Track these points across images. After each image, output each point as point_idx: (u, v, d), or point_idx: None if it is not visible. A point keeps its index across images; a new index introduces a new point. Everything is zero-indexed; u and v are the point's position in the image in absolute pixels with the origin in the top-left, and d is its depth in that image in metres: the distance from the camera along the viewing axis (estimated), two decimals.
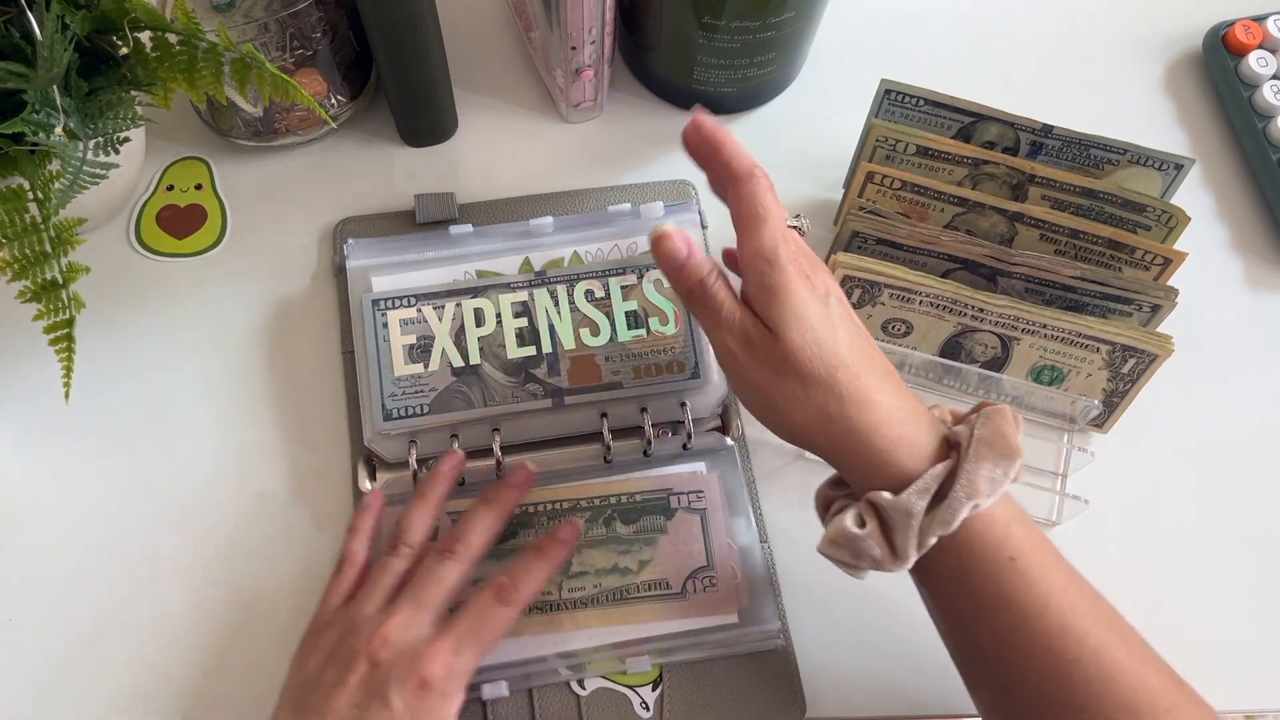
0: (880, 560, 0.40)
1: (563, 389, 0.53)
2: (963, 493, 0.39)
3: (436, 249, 0.58)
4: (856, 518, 0.41)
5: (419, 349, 0.53)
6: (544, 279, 0.55)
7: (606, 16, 0.57)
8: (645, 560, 0.52)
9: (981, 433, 0.40)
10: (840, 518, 0.41)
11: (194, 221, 0.62)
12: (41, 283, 0.48)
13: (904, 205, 0.56)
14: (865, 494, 0.41)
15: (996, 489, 0.39)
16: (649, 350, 0.52)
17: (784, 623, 0.52)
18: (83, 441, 0.56)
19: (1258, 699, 0.52)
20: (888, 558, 0.40)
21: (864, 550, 0.40)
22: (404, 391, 0.53)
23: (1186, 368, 0.57)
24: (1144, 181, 0.56)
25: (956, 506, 0.39)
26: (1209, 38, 0.68)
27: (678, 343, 0.53)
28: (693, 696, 0.50)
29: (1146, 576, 0.55)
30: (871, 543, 0.40)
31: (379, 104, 0.65)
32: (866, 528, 0.40)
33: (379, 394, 0.53)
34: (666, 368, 0.52)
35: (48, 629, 0.52)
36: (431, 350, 0.54)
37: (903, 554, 0.40)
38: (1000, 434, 0.40)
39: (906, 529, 0.39)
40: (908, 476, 0.40)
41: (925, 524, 0.39)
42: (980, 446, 0.39)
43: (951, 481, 0.39)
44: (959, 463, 0.39)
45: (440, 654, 0.42)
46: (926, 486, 0.39)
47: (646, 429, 0.53)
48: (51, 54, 0.44)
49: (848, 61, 0.68)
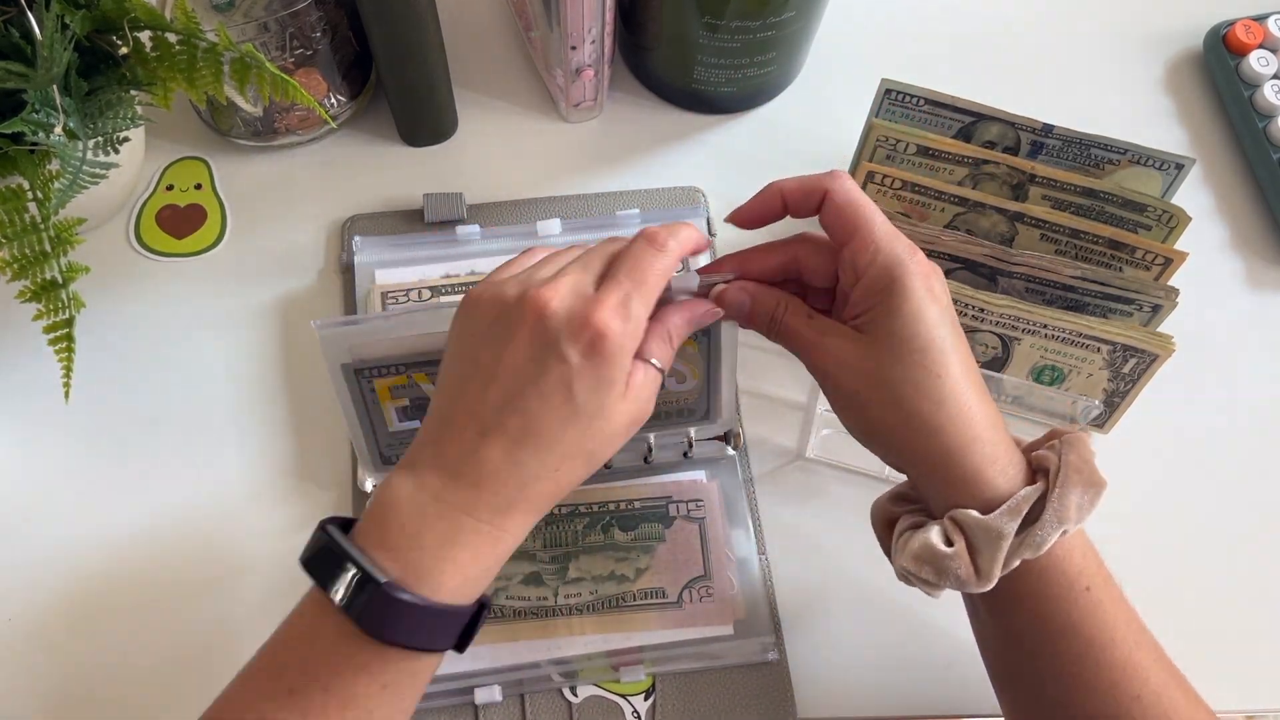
0: (964, 580, 0.39)
1: None
2: (1054, 518, 0.38)
3: (445, 247, 0.59)
4: (943, 536, 0.40)
5: (413, 408, 0.49)
6: None
7: (606, 16, 0.57)
8: (643, 568, 0.52)
9: (1070, 459, 0.39)
10: (926, 535, 0.40)
11: (194, 221, 0.62)
12: (41, 282, 0.48)
13: (904, 205, 0.56)
14: (948, 512, 0.40)
15: (1084, 516, 0.39)
16: (662, 402, 0.51)
17: (779, 636, 0.51)
18: (83, 441, 0.56)
19: (1258, 699, 0.52)
20: (971, 578, 0.39)
21: (949, 570, 0.39)
22: (401, 441, 0.50)
23: (1187, 368, 0.57)
24: (1144, 181, 0.56)
25: (1047, 531, 0.38)
26: (1209, 37, 0.68)
27: (693, 395, 0.51)
28: (684, 707, 0.50)
29: (1147, 576, 0.55)
30: (959, 562, 0.39)
31: (379, 104, 0.65)
32: (954, 547, 0.39)
33: (374, 445, 0.50)
34: (678, 414, 0.52)
35: (47, 629, 0.52)
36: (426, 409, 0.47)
37: (987, 575, 0.39)
38: (1086, 462, 0.39)
39: (995, 550, 0.38)
40: (997, 497, 0.39)
41: (1014, 546, 0.39)
42: (1070, 473, 0.39)
43: (1042, 505, 0.39)
44: (1050, 487, 0.39)
45: (608, 303, 0.38)
46: (1017, 508, 0.38)
47: (649, 440, 0.53)
48: (51, 54, 0.44)
49: (848, 61, 0.68)
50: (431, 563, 0.36)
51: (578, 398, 0.37)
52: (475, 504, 0.37)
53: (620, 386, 0.38)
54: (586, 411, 0.37)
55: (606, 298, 0.38)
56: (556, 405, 0.37)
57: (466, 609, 0.37)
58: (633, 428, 0.40)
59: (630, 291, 0.38)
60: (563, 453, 0.38)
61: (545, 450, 0.37)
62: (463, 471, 0.37)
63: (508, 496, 0.37)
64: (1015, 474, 0.40)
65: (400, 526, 0.37)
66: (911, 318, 0.39)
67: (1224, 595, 0.54)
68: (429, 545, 0.36)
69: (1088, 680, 0.39)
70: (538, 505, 0.38)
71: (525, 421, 0.37)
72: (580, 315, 0.37)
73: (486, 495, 0.37)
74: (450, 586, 0.36)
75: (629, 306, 0.38)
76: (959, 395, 0.39)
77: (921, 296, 0.39)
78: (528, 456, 0.37)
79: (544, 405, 0.37)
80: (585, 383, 0.37)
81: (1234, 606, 0.54)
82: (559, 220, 0.60)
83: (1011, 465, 0.40)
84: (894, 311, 0.39)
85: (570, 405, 0.37)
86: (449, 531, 0.37)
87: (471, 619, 0.38)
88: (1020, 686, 0.43)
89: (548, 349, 0.37)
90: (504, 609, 0.51)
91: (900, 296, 0.39)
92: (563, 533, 0.53)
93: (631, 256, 0.40)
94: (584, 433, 0.38)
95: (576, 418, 0.37)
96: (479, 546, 0.37)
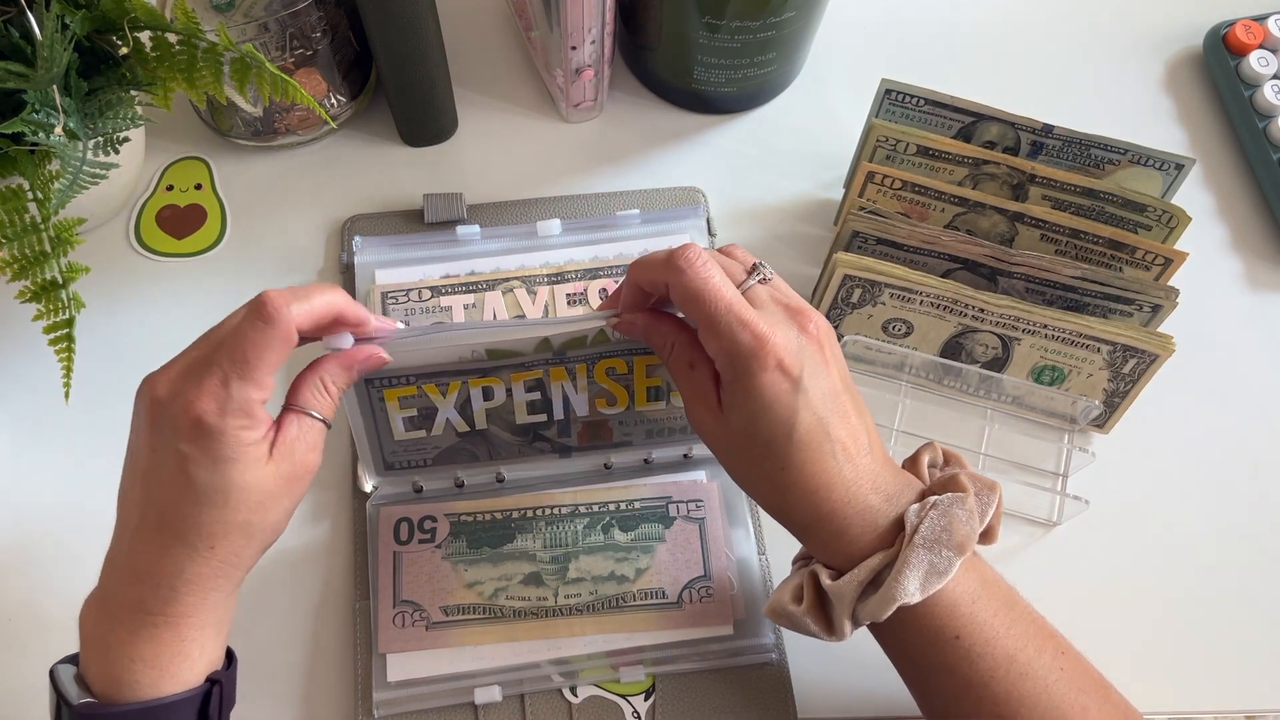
0: (816, 633, 0.41)
1: (571, 447, 0.52)
2: (893, 592, 0.39)
3: (444, 248, 0.59)
4: (795, 592, 0.41)
5: (420, 418, 0.49)
6: (562, 359, 0.47)
7: (606, 16, 0.57)
8: (642, 568, 0.52)
9: (926, 531, 0.39)
10: (781, 592, 0.42)
11: (194, 221, 0.62)
12: (41, 283, 0.48)
13: (904, 205, 0.56)
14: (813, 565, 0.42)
15: (931, 587, 0.39)
16: (665, 417, 0.51)
17: (779, 636, 0.51)
18: (83, 441, 0.56)
19: (1258, 699, 0.52)
20: (822, 633, 0.41)
21: (801, 624, 0.41)
22: (405, 449, 0.50)
23: (1187, 368, 0.57)
24: (1144, 181, 0.56)
25: (885, 604, 0.39)
26: (1209, 37, 0.68)
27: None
28: (684, 707, 0.50)
29: (1147, 576, 0.55)
30: (807, 620, 0.41)
31: (379, 104, 0.65)
32: (803, 604, 0.41)
33: (378, 450, 0.50)
34: (680, 429, 0.52)
35: (47, 629, 0.51)
36: (434, 419, 0.49)
37: (839, 630, 0.41)
38: (947, 530, 0.39)
39: (840, 610, 0.40)
40: (855, 556, 0.40)
41: (859, 609, 0.40)
42: (919, 550, 0.39)
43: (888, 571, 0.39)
44: (896, 557, 0.39)
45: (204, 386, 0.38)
46: (860, 579, 0.39)
47: (650, 452, 0.53)
48: (51, 54, 0.44)
49: (848, 61, 0.68)
50: (123, 666, 0.38)
51: (197, 480, 0.38)
52: (142, 599, 0.38)
53: (249, 455, 0.38)
54: (214, 490, 0.38)
55: (205, 381, 0.38)
56: (181, 490, 0.38)
57: (187, 695, 0.38)
58: (293, 485, 0.40)
59: (227, 371, 0.38)
60: (209, 533, 0.38)
61: (187, 534, 0.38)
62: (127, 568, 0.39)
63: (169, 586, 0.38)
64: (871, 540, 0.40)
65: (89, 639, 0.39)
66: (755, 414, 0.39)
67: (1224, 595, 0.54)
68: (114, 649, 0.38)
69: (969, 712, 0.40)
70: (211, 584, 0.39)
71: (160, 512, 0.38)
72: (182, 401, 0.38)
73: (148, 589, 0.38)
74: (146, 684, 0.38)
75: (228, 387, 0.38)
76: (804, 482, 0.40)
77: (768, 390, 0.39)
78: (172, 543, 0.38)
79: (170, 493, 0.38)
80: (200, 465, 0.38)
81: (1234, 606, 0.54)
82: (559, 220, 0.60)
83: (867, 532, 0.40)
84: (737, 405, 0.40)
85: (193, 488, 0.38)
86: (127, 633, 0.38)
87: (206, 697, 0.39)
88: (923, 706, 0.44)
89: (161, 438, 0.38)
90: (504, 609, 0.51)
91: (742, 394, 0.39)
92: (563, 533, 0.53)
93: (234, 331, 0.39)
94: (224, 509, 0.38)
95: (208, 499, 0.38)
96: (160, 639, 0.38)
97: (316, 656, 0.51)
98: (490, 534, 0.52)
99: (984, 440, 0.57)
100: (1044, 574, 0.54)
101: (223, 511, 0.38)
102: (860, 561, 0.40)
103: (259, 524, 0.39)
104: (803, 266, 0.61)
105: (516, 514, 0.53)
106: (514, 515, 0.53)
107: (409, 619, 0.50)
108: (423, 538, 0.52)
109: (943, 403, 0.58)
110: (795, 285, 0.61)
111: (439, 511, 0.53)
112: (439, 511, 0.53)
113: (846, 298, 0.55)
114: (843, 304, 0.55)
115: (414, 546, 0.52)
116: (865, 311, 0.55)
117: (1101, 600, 0.54)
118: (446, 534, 0.52)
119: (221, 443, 0.38)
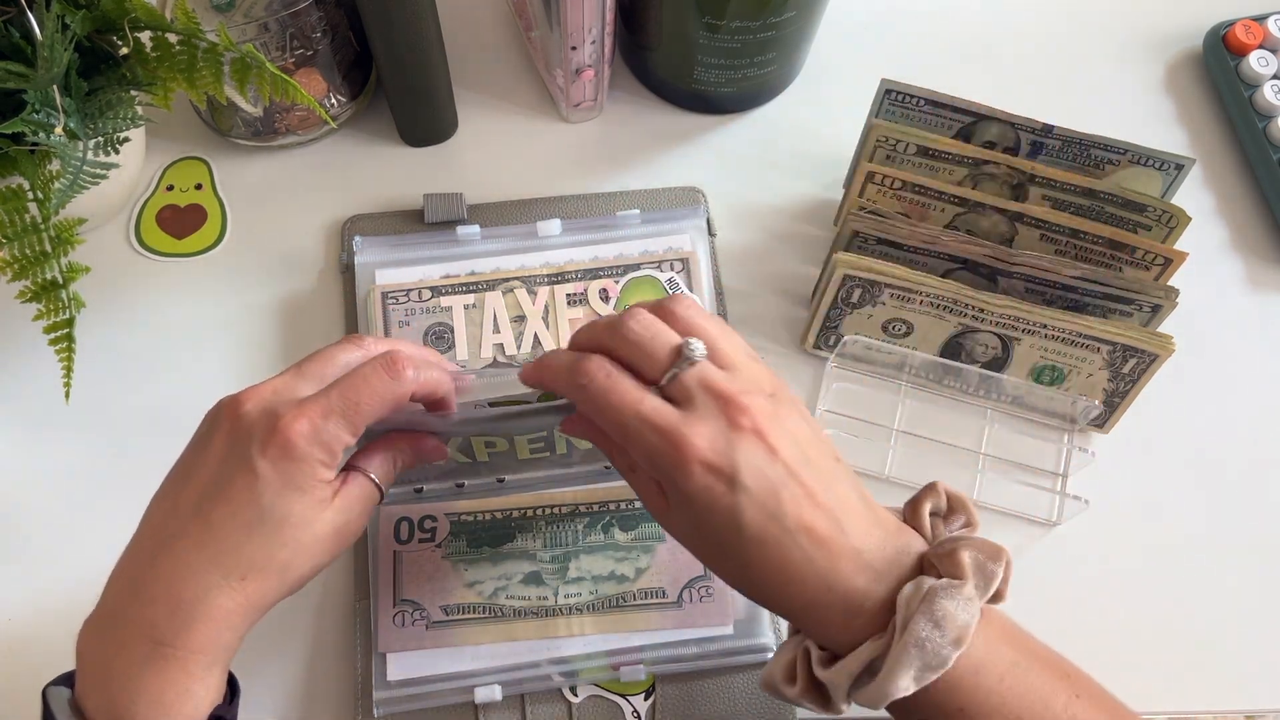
0: (812, 708, 0.39)
1: (573, 460, 0.52)
2: (886, 689, 0.36)
3: (444, 248, 0.59)
4: (787, 671, 0.39)
5: None
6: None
7: (606, 16, 0.57)
8: (642, 568, 0.52)
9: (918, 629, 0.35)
10: (774, 667, 0.40)
11: (194, 221, 0.62)
12: (41, 283, 0.48)
13: (904, 205, 0.56)
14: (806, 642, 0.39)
15: (926, 679, 0.36)
16: None
17: (779, 636, 0.51)
18: (83, 441, 0.56)
19: (1258, 699, 0.52)
20: (816, 708, 0.39)
21: (797, 704, 0.39)
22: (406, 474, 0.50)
23: (1187, 368, 0.57)
24: (1144, 181, 0.56)
25: (880, 698, 0.36)
26: (1209, 37, 0.68)
27: None
28: (684, 707, 0.50)
29: (1147, 576, 0.55)
30: (803, 701, 0.39)
31: (379, 104, 0.65)
32: (796, 687, 0.39)
33: None
34: None
35: (47, 629, 0.52)
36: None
37: (835, 707, 0.38)
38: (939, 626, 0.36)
39: (836, 696, 0.38)
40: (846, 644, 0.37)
41: (853, 694, 0.38)
42: (910, 649, 0.35)
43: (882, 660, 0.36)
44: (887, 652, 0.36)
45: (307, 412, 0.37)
46: (851, 671, 0.37)
47: None
48: (51, 54, 0.44)
49: (848, 61, 0.68)
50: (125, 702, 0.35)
51: (261, 500, 0.36)
52: (155, 622, 0.36)
53: (317, 493, 0.38)
54: (273, 516, 0.37)
55: (307, 407, 0.37)
56: (241, 508, 0.36)
57: None
58: (339, 540, 0.39)
59: (335, 407, 0.37)
60: (249, 563, 0.37)
61: (224, 558, 0.36)
62: (144, 587, 0.37)
63: (187, 612, 0.36)
64: (861, 624, 0.37)
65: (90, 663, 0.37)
66: (697, 520, 0.37)
67: (1224, 595, 0.54)
68: (117, 679, 0.36)
69: None
70: (227, 622, 0.37)
71: (208, 525, 0.36)
72: (271, 419, 0.37)
73: (164, 612, 0.36)
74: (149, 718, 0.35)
75: (328, 420, 0.37)
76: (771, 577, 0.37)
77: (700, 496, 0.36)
78: (206, 565, 0.36)
79: (228, 508, 0.36)
80: (270, 486, 0.36)
81: (1234, 606, 0.54)
82: (559, 220, 0.60)
83: (854, 617, 0.37)
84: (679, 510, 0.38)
85: (255, 509, 0.36)
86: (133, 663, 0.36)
87: None
88: None
89: (236, 451, 0.37)
90: (504, 609, 0.51)
91: (678, 501, 0.37)
92: (563, 532, 0.53)
93: (357, 374, 0.39)
94: (271, 539, 0.37)
95: (262, 524, 0.37)
96: (167, 674, 0.36)
97: (316, 656, 0.51)
98: (490, 533, 0.52)
99: (984, 440, 0.57)
100: (1044, 574, 0.54)
101: (269, 542, 0.37)
102: (851, 648, 0.37)
103: (294, 570, 0.38)
104: (803, 266, 0.61)
105: (516, 513, 0.53)
106: (514, 515, 0.53)
107: (409, 618, 0.50)
108: (423, 537, 0.52)
109: (943, 403, 0.58)
110: (795, 285, 0.62)
111: (439, 511, 0.53)
112: (439, 511, 0.53)
113: (846, 298, 0.55)
114: (843, 304, 0.55)
115: (414, 546, 0.52)
116: (865, 311, 0.55)
117: (1101, 600, 0.54)
118: (446, 533, 0.52)
119: (299, 470, 0.37)
